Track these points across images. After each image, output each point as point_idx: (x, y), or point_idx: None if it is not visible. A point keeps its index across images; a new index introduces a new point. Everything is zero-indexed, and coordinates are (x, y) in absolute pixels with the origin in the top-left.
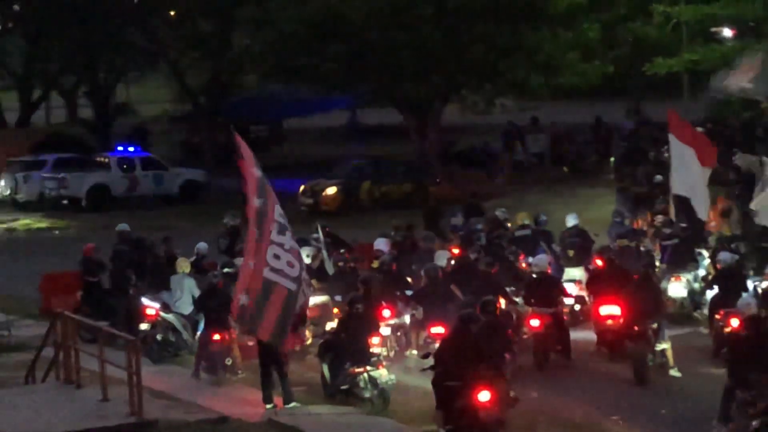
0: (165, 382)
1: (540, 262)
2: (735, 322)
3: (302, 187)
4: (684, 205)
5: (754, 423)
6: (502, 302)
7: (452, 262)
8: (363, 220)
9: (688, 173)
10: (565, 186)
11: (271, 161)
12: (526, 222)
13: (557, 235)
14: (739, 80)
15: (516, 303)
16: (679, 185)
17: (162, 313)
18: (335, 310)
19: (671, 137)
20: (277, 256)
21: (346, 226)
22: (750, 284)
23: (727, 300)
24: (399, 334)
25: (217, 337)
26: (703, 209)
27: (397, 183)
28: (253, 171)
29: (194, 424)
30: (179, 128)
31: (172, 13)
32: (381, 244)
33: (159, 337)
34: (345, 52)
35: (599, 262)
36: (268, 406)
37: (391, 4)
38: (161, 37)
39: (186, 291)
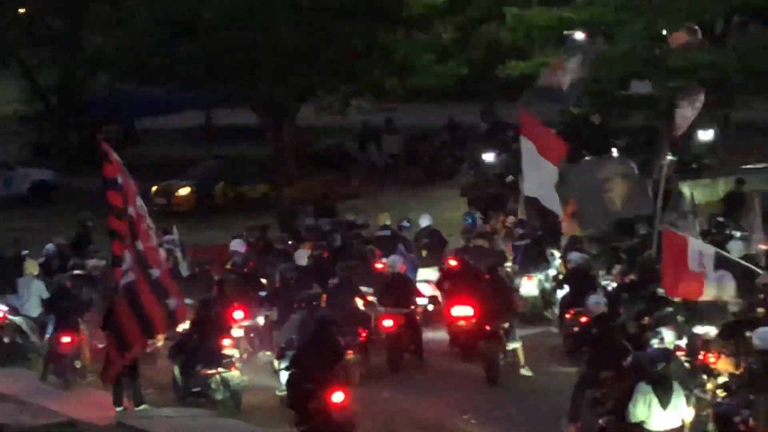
0: (13, 385)
1: (393, 262)
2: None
3: (154, 188)
4: (535, 205)
5: (602, 421)
6: (359, 302)
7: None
8: (218, 221)
9: (539, 173)
10: (419, 187)
11: (124, 162)
12: (387, 223)
13: (412, 236)
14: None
15: (372, 303)
16: (529, 186)
17: (9, 316)
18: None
19: (522, 138)
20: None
21: (200, 227)
22: (600, 284)
23: (577, 299)
24: (252, 335)
25: (66, 339)
26: (556, 206)
27: (252, 184)
28: (125, 176)
29: (43, 428)
30: (29, 128)
31: (22, 10)
32: (236, 245)
33: (6, 340)
34: (199, 51)
35: (453, 263)
36: (118, 408)
37: (247, 3)
38: (10, 36)
39: (34, 293)
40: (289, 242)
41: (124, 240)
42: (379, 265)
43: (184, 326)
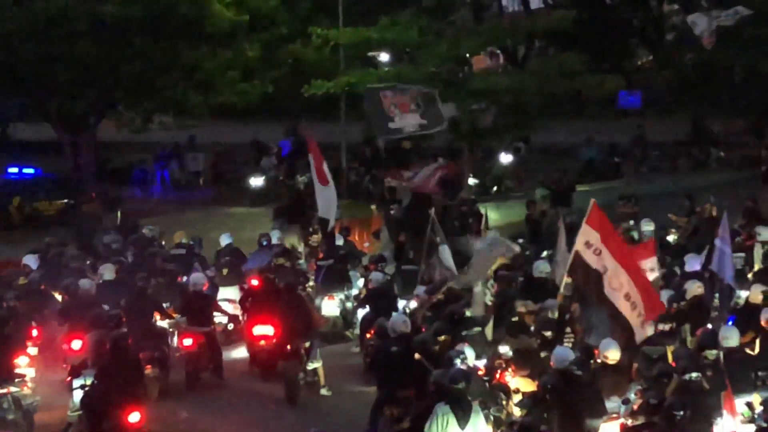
0: None
1: (197, 280)
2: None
3: None
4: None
5: None
6: (158, 318)
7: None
8: (13, 237)
9: (326, 193)
10: (221, 205)
11: None
12: (183, 241)
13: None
14: (408, 120)
15: (173, 318)
16: (321, 207)
17: None
18: None
19: (311, 160)
20: None
21: None
22: (400, 304)
23: (377, 318)
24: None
25: None
26: (329, 223)
27: (49, 200)
28: None
29: None
30: None
31: None
32: (30, 261)
33: None
34: None
35: (254, 282)
36: None
37: (46, 16)
38: None
39: None
40: (87, 261)
41: None
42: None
43: None
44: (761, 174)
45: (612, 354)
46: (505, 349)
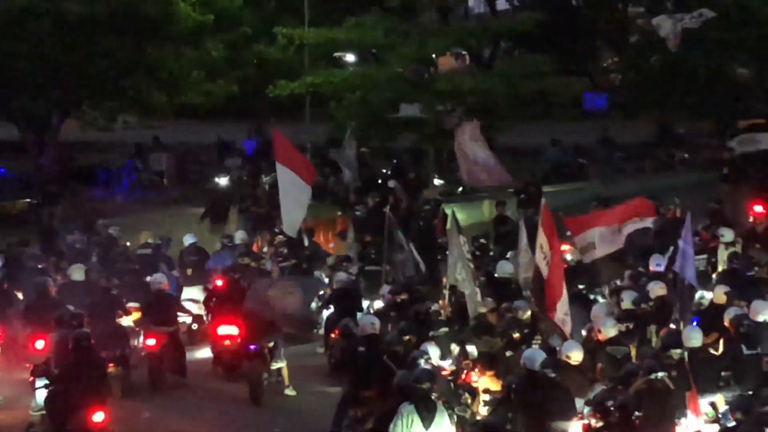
0: None
1: (158, 279)
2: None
3: None
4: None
5: None
6: (126, 318)
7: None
8: None
9: (295, 193)
10: (186, 205)
11: None
12: (149, 241)
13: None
14: None
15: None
16: (286, 208)
17: None
18: None
19: (277, 162)
20: None
21: None
22: (365, 304)
23: (342, 318)
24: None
25: None
26: (293, 226)
27: (11, 200)
28: None
29: None
30: None
31: None
32: None
33: None
34: None
35: (219, 282)
36: None
37: (8, 14)
38: None
39: None
40: (52, 258)
41: None
42: None
43: None
44: (722, 175)
45: (575, 355)
46: (471, 349)
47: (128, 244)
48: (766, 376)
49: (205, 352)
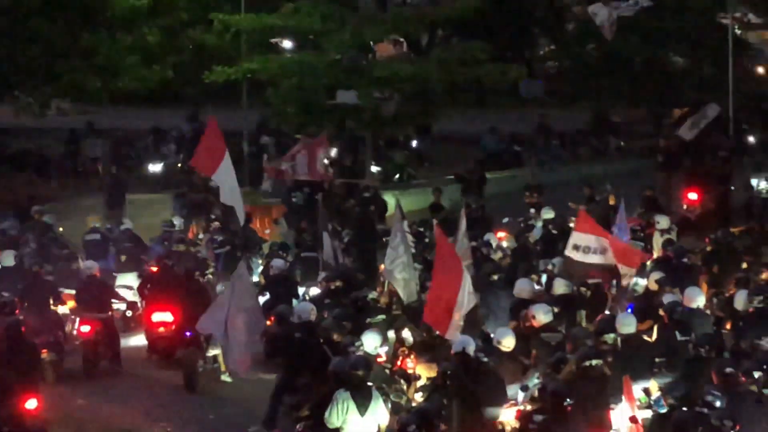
0: None
1: (89, 265)
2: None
3: None
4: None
5: (299, 426)
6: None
7: None
8: None
9: (228, 179)
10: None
11: None
12: (97, 225)
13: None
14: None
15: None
16: (225, 194)
17: None
18: None
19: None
20: None
21: None
22: (301, 291)
23: (277, 305)
24: None
25: None
26: (241, 211)
27: None
28: None
29: None
30: None
31: None
32: None
33: None
34: None
35: (153, 268)
36: None
37: None
38: None
39: None
40: None
41: None
42: None
43: None
44: (657, 163)
45: (507, 341)
46: (407, 335)
47: (61, 229)
48: (692, 361)
49: (139, 339)
